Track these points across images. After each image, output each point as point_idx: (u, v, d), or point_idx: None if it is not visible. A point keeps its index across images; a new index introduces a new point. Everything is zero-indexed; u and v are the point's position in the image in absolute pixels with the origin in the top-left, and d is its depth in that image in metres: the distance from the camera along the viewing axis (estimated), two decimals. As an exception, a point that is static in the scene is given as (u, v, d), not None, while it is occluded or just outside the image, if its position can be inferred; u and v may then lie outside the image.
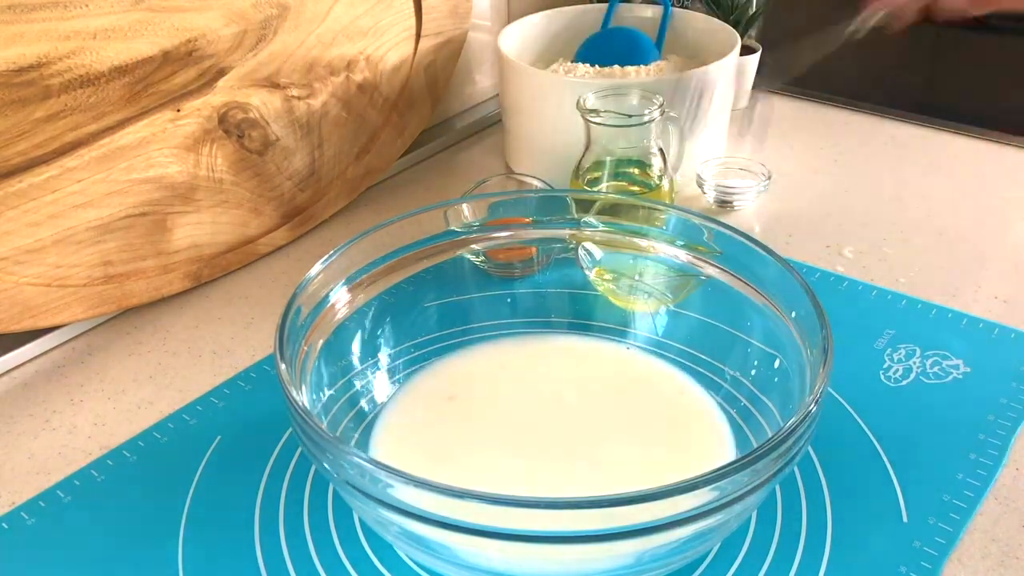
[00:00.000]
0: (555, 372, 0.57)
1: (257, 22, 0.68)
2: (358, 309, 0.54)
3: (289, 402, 0.42)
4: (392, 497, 0.39)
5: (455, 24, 0.84)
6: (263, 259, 0.75)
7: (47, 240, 0.61)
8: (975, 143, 0.88)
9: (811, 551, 0.48)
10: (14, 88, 0.56)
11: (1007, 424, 0.55)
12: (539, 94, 0.79)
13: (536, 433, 0.52)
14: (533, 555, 0.40)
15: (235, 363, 0.63)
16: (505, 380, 0.56)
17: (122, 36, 0.60)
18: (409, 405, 0.54)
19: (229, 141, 0.70)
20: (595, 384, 0.56)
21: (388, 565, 0.48)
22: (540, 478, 0.49)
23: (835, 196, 0.80)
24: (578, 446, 0.51)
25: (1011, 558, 0.47)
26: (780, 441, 0.39)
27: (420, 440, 0.52)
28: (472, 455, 0.50)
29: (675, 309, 0.58)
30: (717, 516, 0.39)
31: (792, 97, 0.99)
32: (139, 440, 0.57)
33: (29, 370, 0.64)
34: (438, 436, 0.52)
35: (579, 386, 0.55)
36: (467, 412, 0.53)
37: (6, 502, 0.53)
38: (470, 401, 0.54)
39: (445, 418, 0.53)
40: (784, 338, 0.49)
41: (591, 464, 0.50)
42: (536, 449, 0.51)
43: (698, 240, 0.54)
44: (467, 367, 0.57)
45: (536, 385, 0.55)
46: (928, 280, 0.69)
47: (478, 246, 0.58)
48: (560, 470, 0.49)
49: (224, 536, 0.50)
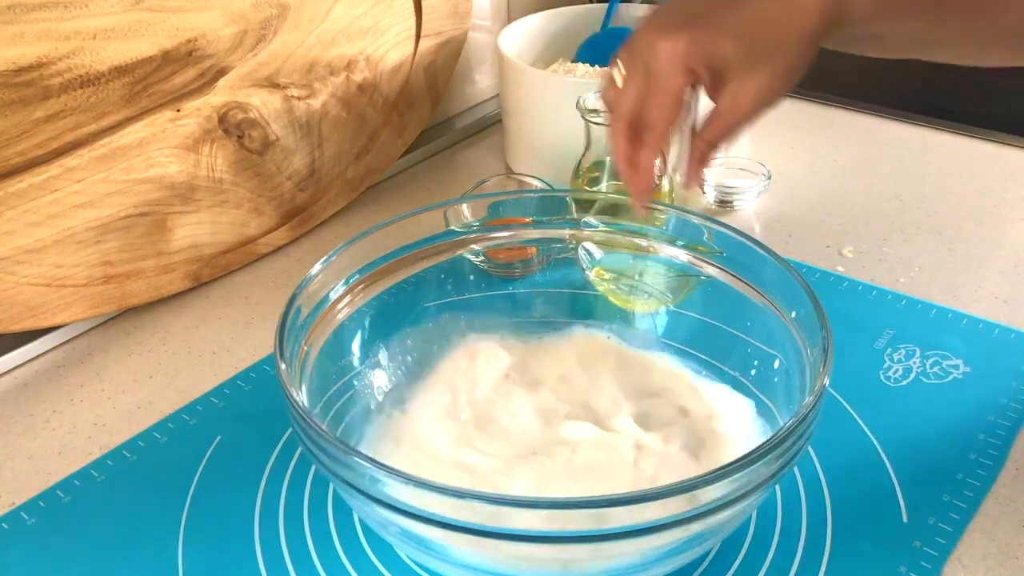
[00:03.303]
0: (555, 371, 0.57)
1: (257, 22, 0.68)
2: (358, 309, 0.54)
3: (289, 402, 0.42)
4: (392, 497, 0.39)
5: (455, 24, 0.84)
6: (263, 259, 0.75)
7: (47, 240, 0.61)
8: (975, 143, 0.88)
9: (811, 551, 0.48)
10: (14, 88, 0.56)
11: (1007, 424, 0.55)
12: (539, 94, 0.79)
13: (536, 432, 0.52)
14: (533, 555, 0.40)
15: (235, 363, 0.63)
16: (505, 379, 0.56)
17: (122, 36, 0.60)
18: (409, 405, 0.54)
19: (229, 141, 0.70)
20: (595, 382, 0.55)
21: (388, 565, 0.48)
22: (540, 477, 0.49)
23: (835, 196, 0.80)
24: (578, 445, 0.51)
25: (1011, 558, 0.47)
26: (780, 441, 0.39)
27: (420, 440, 0.51)
28: (472, 454, 0.50)
29: (675, 309, 0.58)
30: (717, 516, 0.39)
31: (792, 97, 0.99)
32: (139, 440, 0.57)
33: (29, 370, 0.64)
34: (438, 436, 0.52)
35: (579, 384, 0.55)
36: (467, 412, 0.53)
37: (6, 502, 0.53)
38: (470, 401, 0.54)
39: (445, 418, 0.53)
40: (784, 338, 0.49)
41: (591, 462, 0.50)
42: (536, 449, 0.51)
43: (698, 240, 0.54)
44: (467, 367, 0.56)
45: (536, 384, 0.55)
46: (928, 280, 0.69)
47: (478, 246, 0.58)
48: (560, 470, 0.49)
49: (224, 536, 0.50)
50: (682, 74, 0.45)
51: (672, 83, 0.45)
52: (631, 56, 0.47)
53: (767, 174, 0.79)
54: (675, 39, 0.44)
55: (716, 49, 0.44)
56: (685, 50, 0.44)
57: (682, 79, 0.45)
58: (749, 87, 0.45)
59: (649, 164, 0.48)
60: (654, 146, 0.47)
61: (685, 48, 0.44)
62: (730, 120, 0.47)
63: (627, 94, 0.47)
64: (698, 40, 0.44)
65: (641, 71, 0.46)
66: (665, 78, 0.45)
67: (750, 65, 0.45)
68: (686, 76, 0.45)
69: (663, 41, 0.45)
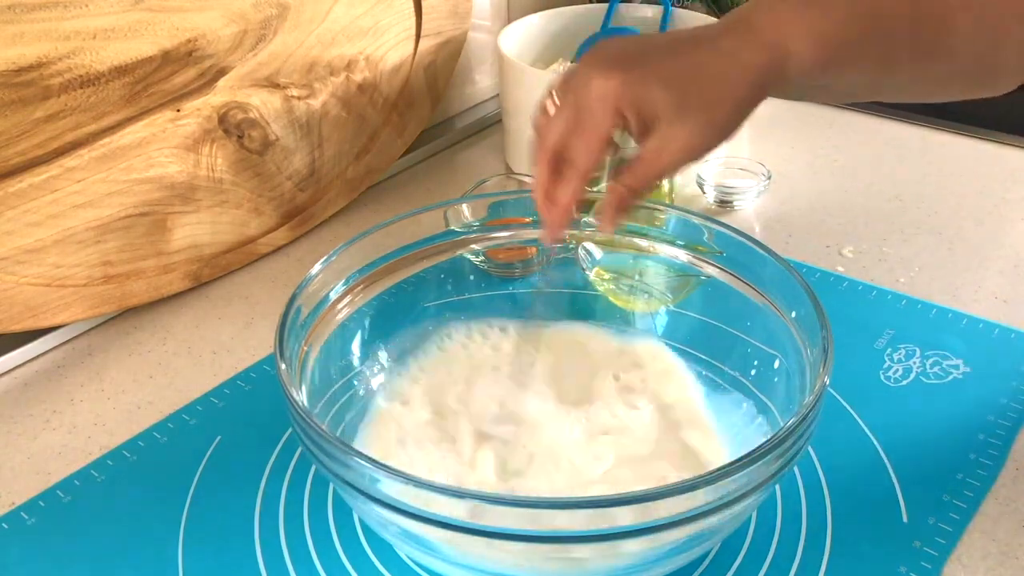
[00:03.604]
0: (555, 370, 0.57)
1: (257, 22, 0.68)
2: (358, 309, 0.54)
3: (289, 402, 0.42)
4: (391, 497, 0.39)
5: (455, 24, 0.84)
6: (263, 259, 0.75)
7: (47, 240, 0.61)
8: (975, 143, 0.88)
9: (811, 551, 0.48)
10: (14, 88, 0.56)
11: (1007, 424, 0.55)
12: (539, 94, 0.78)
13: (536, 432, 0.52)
14: (533, 555, 0.40)
15: (235, 363, 0.63)
16: (505, 379, 0.56)
17: (122, 36, 0.60)
18: (409, 405, 0.54)
19: (229, 141, 0.70)
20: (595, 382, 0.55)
21: (388, 565, 0.48)
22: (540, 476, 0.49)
23: (835, 196, 0.80)
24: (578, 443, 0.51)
25: (1011, 558, 0.47)
26: (780, 441, 0.39)
27: (420, 440, 0.51)
28: (472, 454, 0.50)
29: (675, 309, 0.58)
30: (717, 516, 0.39)
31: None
32: (139, 440, 0.57)
33: (29, 370, 0.64)
34: (438, 436, 0.52)
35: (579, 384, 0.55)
36: (467, 411, 0.53)
37: (6, 502, 0.53)
38: (470, 400, 0.54)
39: (445, 418, 0.53)
40: (784, 338, 0.49)
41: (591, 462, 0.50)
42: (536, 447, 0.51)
43: (698, 240, 0.54)
44: (467, 367, 0.56)
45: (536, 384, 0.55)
46: (928, 280, 0.69)
47: (478, 246, 0.58)
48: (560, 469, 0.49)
49: (224, 536, 0.50)
50: (610, 115, 0.44)
51: (599, 123, 0.44)
52: (565, 88, 0.46)
53: (767, 174, 0.79)
54: (608, 78, 0.43)
55: (647, 94, 0.43)
56: (616, 92, 0.43)
57: (610, 120, 0.44)
58: (676, 137, 0.43)
59: (566, 200, 0.46)
60: (574, 184, 0.46)
61: (616, 89, 0.43)
62: (651, 169, 0.45)
63: (555, 126, 0.45)
64: (630, 82, 0.43)
65: (572, 105, 0.45)
66: (593, 117, 0.44)
67: (679, 116, 0.43)
68: (614, 117, 0.44)
69: (597, 79, 0.43)
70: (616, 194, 0.46)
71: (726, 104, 0.44)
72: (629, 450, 0.50)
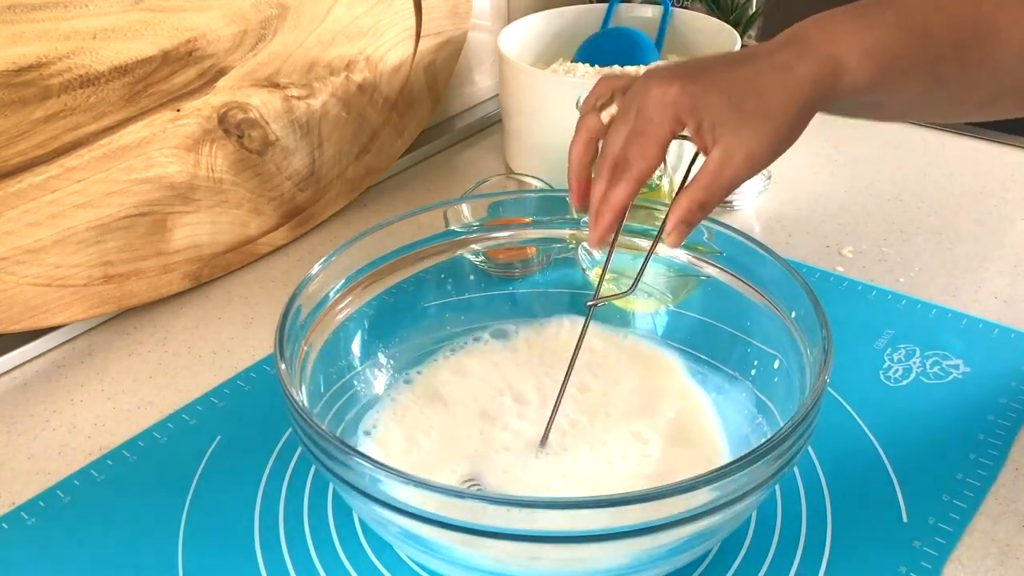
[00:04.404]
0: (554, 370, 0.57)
1: (257, 22, 0.68)
2: (358, 309, 0.54)
3: (289, 402, 0.42)
4: (392, 497, 0.39)
5: (455, 24, 0.84)
6: (263, 259, 0.75)
7: (47, 240, 0.61)
8: (975, 143, 0.88)
9: (811, 551, 0.48)
10: (14, 88, 0.56)
11: (1007, 424, 0.55)
12: (539, 94, 0.79)
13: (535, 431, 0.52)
14: (533, 555, 0.40)
15: (235, 363, 0.63)
16: (504, 379, 0.56)
17: (122, 36, 0.60)
18: (409, 405, 0.54)
19: (229, 141, 0.70)
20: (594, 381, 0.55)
21: (388, 565, 0.48)
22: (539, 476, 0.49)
23: (835, 196, 0.80)
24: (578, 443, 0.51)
25: (1011, 558, 0.47)
26: (780, 441, 0.39)
27: (420, 440, 0.51)
28: (472, 453, 0.50)
29: (675, 309, 0.58)
30: (717, 516, 0.39)
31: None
32: (139, 440, 0.57)
33: (29, 370, 0.64)
34: (438, 435, 0.52)
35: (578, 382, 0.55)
36: (467, 411, 0.53)
37: (6, 502, 0.53)
38: (470, 400, 0.54)
39: (445, 417, 0.53)
40: (784, 338, 0.49)
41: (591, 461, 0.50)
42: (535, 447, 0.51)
43: (698, 240, 0.54)
44: (467, 366, 0.56)
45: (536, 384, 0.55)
46: (928, 280, 0.69)
47: (478, 246, 0.58)
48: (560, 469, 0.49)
49: (224, 536, 0.50)
50: (669, 120, 0.45)
51: (658, 128, 0.45)
52: (626, 98, 0.47)
53: (767, 174, 0.79)
54: (668, 86, 0.44)
55: (706, 100, 0.44)
56: (675, 98, 0.44)
57: (669, 126, 0.45)
58: (740, 147, 0.44)
59: (619, 203, 0.47)
60: (630, 187, 0.46)
61: (675, 96, 0.44)
62: (717, 181, 0.45)
63: (617, 132, 0.46)
64: (689, 90, 0.44)
65: (633, 112, 0.46)
66: (652, 122, 0.45)
67: (738, 123, 0.44)
68: (673, 123, 0.45)
69: (656, 87, 0.45)
70: (683, 208, 0.46)
71: (785, 113, 0.44)
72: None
